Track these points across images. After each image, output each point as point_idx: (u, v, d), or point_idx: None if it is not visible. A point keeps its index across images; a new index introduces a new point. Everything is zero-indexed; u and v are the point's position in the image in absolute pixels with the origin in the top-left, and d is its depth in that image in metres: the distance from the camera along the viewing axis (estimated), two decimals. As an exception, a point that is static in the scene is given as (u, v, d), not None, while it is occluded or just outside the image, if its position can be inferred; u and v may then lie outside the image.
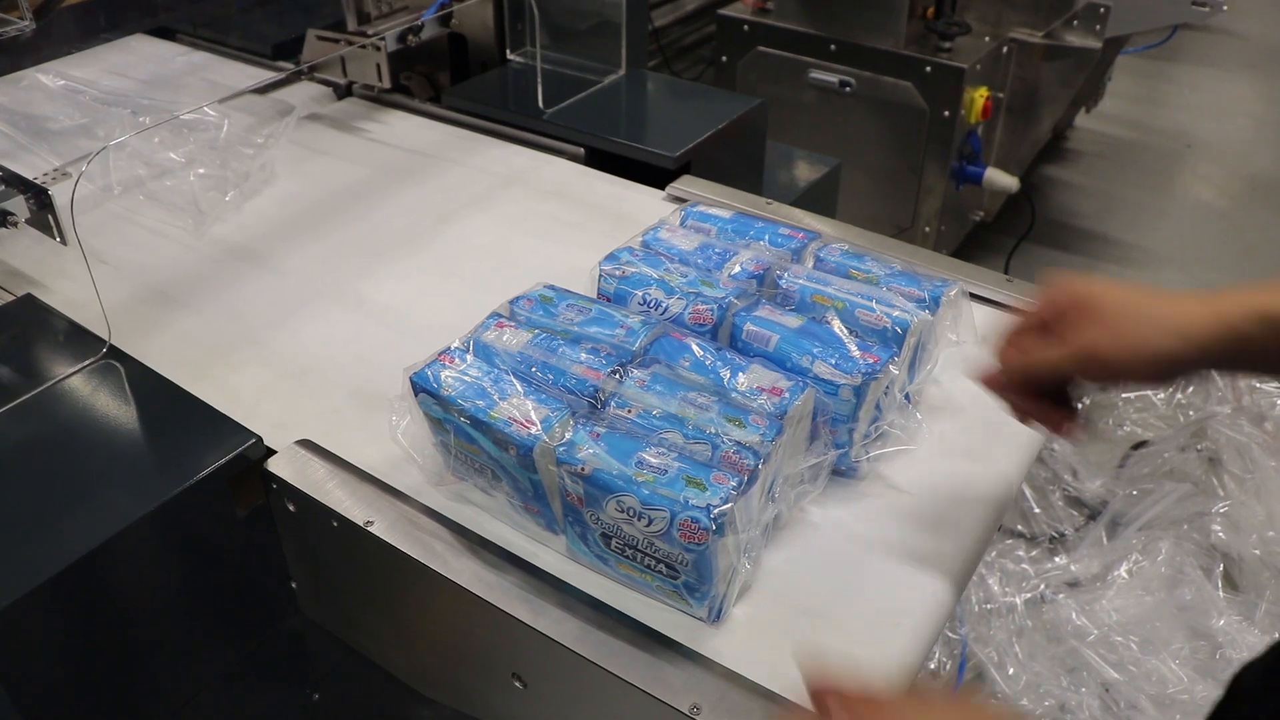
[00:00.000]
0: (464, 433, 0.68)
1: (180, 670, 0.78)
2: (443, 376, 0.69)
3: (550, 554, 0.69)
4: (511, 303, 0.78)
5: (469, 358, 0.71)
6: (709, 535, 0.59)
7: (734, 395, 0.69)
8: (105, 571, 0.68)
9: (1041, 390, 0.65)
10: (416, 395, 0.70)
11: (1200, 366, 0.60)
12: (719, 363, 0.71)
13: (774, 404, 0.68)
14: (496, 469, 0.68)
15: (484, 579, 0.67)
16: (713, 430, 0.65)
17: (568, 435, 0.64)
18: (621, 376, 0.69)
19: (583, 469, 0.62)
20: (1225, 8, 2.14)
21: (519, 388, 0.68)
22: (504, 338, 0.73)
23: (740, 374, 0.70)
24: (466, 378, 0.69)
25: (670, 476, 0.61)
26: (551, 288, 0.79)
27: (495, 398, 0.67)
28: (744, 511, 0.61)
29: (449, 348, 0.72)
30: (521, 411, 0.66)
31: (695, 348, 0.72)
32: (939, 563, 0.69)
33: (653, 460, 0.62)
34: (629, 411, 0.67)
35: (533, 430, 0.65)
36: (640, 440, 0.64)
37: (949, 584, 0.69)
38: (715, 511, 0.59)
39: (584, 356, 0.70)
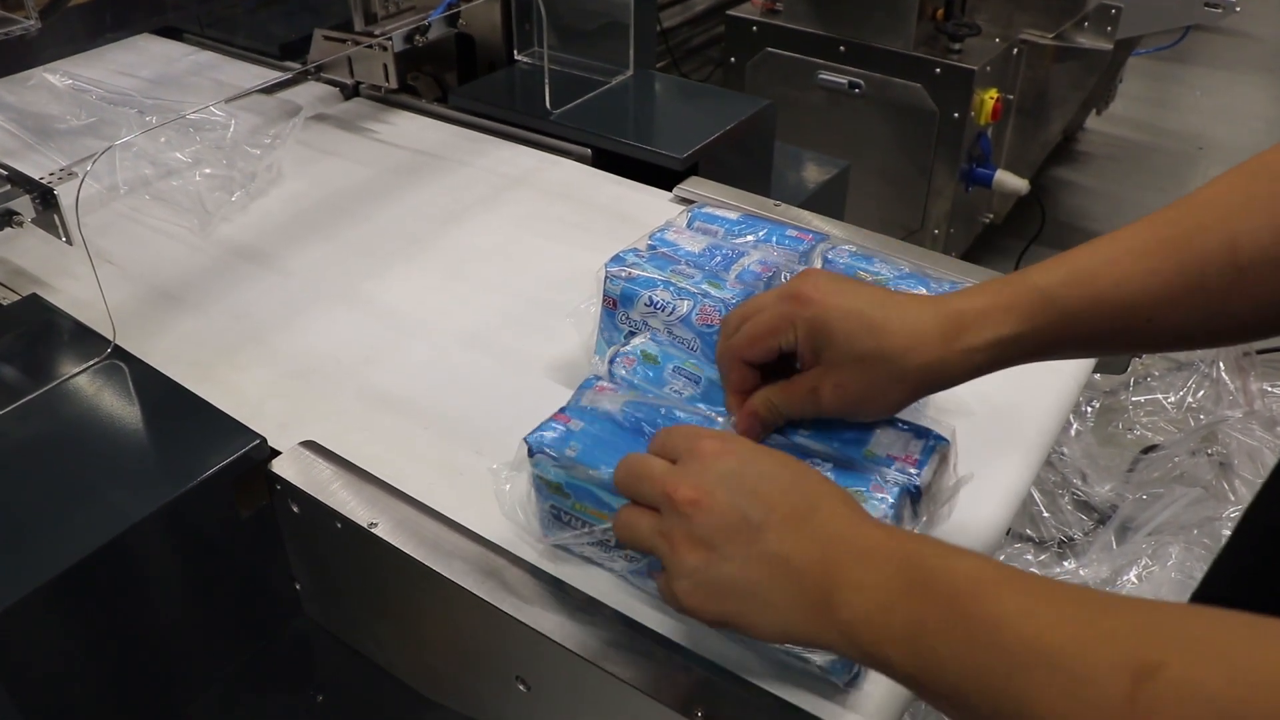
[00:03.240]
0: (590, 496, 0.63)
1: (183, 671, 0.77)
2: (564, 436, 0.64)
3: (554, 555, 0.69)
4: (610, 361, 0.73)
5: (584, 418, 0.66)
6: None
7: (861, 461, 0.64)
8: (108, 572, 0.67)
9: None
10: (532, 456, 0.65)
11: (937, 391, 0.62)
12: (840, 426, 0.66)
13: (904, 475, 0.63)
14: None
15: (487, 581, 0.66)
16: None
17: None
18: None
19: None
20: (1238, 9, 2.14)
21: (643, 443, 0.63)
22: (602, 401, 0.68)
23: (868, 441, 0.66)
24: (589, 436, 0.64)
25: None
26: (654, 339, 0.74)
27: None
28: None
29: (565, 408, 0.67)
30: None
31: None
32: (947, 567, 0.69)
33: None
34: None
35: None
36: None
37: (957, 589, 0.68)
38: None
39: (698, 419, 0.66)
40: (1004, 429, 0.81)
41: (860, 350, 0.59)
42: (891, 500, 0.61)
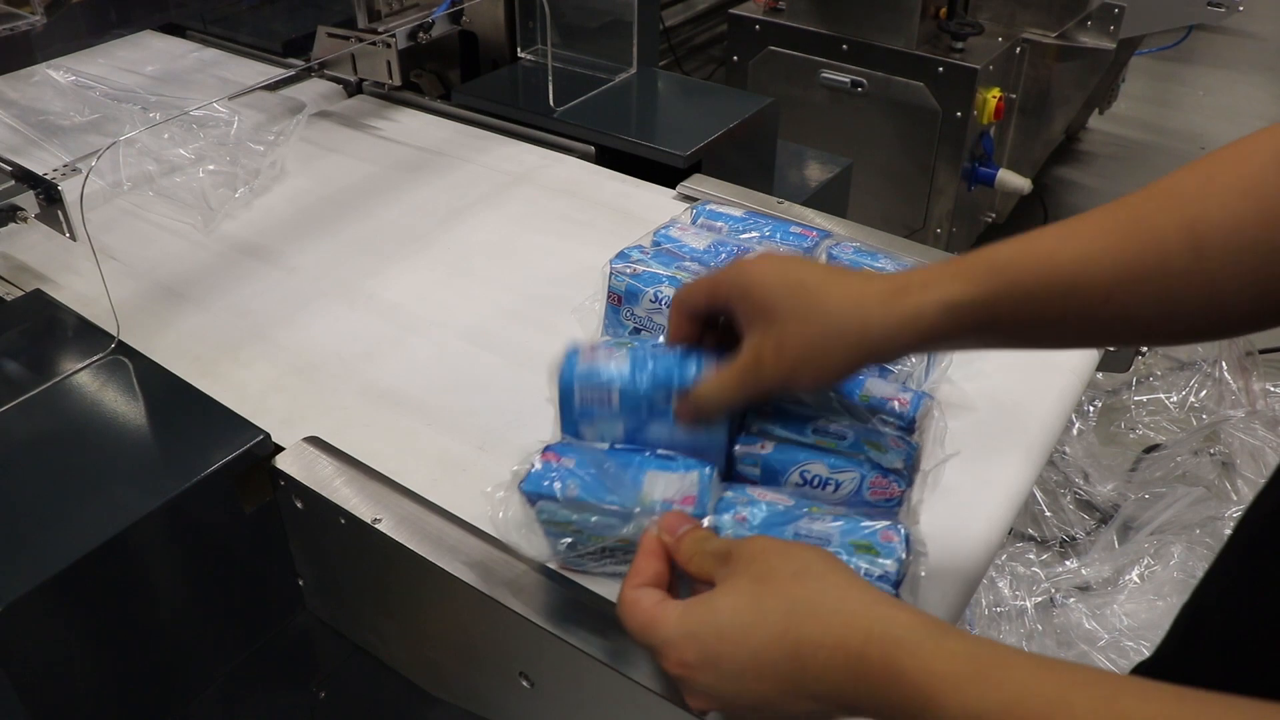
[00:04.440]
0: (604, 527, 0.63)
1: (186, 667, 0.78)
2: (562, 476, 0.63)
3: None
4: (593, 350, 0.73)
5: (573, 454, 0.64)
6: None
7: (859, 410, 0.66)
8: (111, 567, 0.67)
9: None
10: (534, 505, 0.63)
11: (883, 361, 0.61)
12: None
13: (901, 412, 0.65)
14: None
15: (491, 577, 0.66)
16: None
17: (721, 497, 0.62)
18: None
19: None
20: (1241, 9, 2.13)
21: (644, 456, 0.64)
22: (598, 362, 0.66)
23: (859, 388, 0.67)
24: (584, 471, 0.63)
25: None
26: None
27: (633, 480, 0.62)
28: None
29: (550, 446, 0.65)
30: (674, 487, 0.62)
31: None
32: (948, 564, 0.69)
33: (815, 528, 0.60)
34: (762, 446, 0.65)
35: (692, 509, 0.61)
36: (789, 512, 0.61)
37: (958, 586, 0.68)
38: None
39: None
40: (1006, 428, 0.81)
41: (793, 307, 0.58)
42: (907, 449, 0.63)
